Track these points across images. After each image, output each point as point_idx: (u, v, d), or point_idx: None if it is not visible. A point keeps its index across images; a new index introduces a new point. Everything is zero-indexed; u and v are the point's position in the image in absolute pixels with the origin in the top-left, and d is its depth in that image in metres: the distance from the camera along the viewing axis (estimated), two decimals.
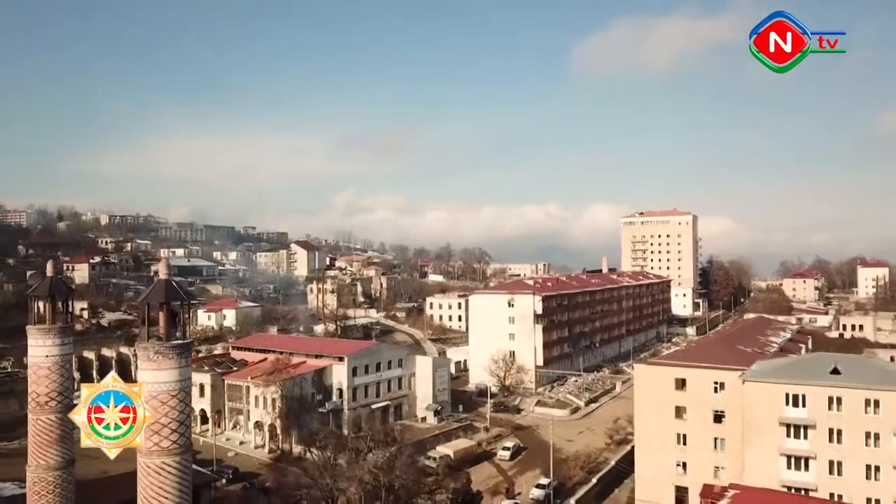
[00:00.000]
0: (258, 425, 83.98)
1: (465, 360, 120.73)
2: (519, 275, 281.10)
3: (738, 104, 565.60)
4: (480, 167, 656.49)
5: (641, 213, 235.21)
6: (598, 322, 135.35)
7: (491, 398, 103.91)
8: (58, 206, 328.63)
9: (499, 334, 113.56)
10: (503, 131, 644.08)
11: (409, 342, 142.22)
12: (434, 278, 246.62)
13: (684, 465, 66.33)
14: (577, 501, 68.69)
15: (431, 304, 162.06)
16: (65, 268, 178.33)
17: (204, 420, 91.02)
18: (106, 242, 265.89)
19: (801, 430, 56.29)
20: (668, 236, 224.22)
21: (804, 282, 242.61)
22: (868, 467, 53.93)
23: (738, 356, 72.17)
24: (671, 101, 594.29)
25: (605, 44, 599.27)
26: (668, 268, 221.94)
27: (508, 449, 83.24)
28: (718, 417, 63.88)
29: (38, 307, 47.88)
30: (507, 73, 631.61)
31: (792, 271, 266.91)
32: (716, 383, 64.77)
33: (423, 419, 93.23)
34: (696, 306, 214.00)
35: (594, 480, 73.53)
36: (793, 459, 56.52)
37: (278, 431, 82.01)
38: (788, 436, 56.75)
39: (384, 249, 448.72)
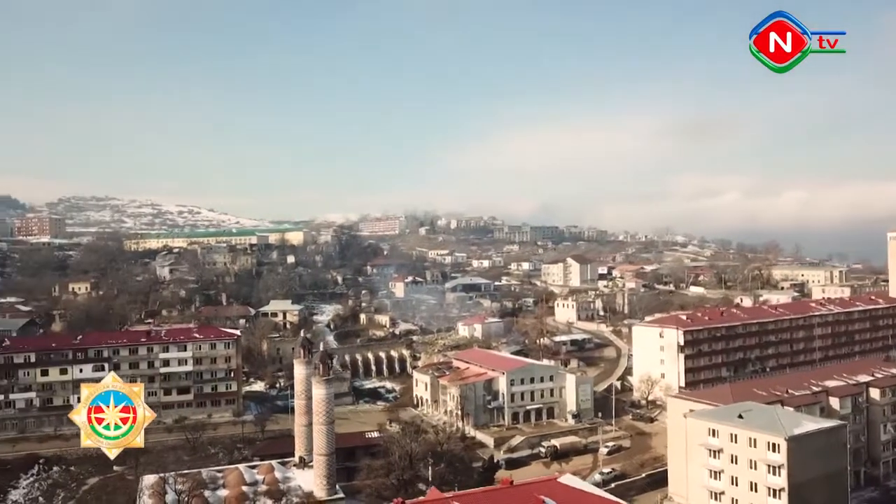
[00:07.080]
0: (450, 412, 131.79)
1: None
2: (805, 282, 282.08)
3: None
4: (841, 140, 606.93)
5: None
6: (770, 349, 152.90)
7: (638, 409, 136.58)
8: (424, 211, 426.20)
9: (653, 358, 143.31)
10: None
11: (611, 356, 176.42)
12: (695, 290, 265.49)
13: None
14: (619, 486, 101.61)
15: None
16: (388, 286, 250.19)
17: (429, 405, 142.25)
18: (435, 254, 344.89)
19: (716, 453, 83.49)
20: None
21: None
22: (751, 483, 79.57)
23: (750, 397, 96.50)
24: None
25: None
26: None
27: (608, 447, 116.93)
28: None
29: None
30: None
31: None
32: None
33: (566, 420, 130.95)
34: None
35: (643, 475, 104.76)
36: (711, 472, 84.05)
37: (460, 416, 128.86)
38: (709, 456, 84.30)
39: (703, 243, 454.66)
